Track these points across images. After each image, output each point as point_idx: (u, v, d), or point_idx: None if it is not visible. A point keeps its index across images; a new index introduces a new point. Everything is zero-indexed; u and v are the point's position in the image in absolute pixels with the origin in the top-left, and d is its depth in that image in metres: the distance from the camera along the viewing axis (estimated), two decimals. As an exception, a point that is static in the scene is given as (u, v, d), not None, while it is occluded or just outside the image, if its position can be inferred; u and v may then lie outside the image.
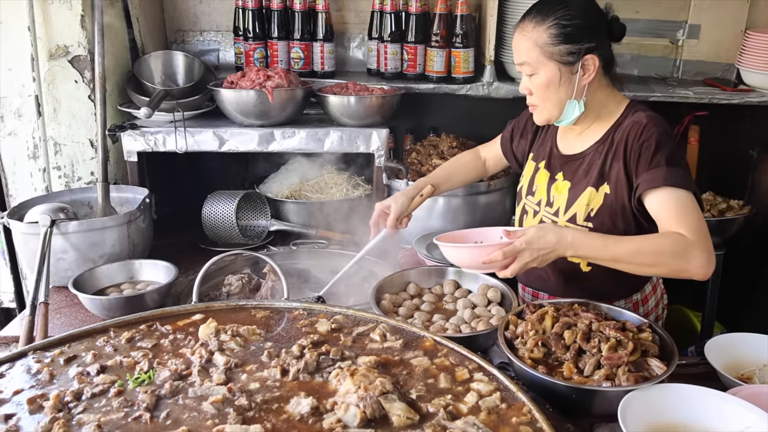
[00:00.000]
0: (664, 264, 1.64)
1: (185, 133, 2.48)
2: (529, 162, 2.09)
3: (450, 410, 1.29)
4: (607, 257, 1.66)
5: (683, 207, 1.66)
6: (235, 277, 2.20)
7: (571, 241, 1.64)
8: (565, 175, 1.93)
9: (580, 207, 1.86)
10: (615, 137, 1.82)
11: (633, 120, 1.79)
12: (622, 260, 1.66)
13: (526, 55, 1.79)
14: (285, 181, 2.74)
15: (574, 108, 1.82)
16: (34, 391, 1.35)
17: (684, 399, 1.41)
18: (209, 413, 1.28)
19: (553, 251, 1.65)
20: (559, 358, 1.59)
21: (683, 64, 3.15)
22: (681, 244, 1.61)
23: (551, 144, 2.01)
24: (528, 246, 1.63)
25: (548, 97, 1.81)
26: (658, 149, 1.71)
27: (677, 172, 1.69)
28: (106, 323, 1.64)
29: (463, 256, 1.77)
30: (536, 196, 2.00)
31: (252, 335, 1.59)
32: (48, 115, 2.56)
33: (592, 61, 1.77)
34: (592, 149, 1.87)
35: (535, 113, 1.89)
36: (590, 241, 1.68)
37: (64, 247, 2.18)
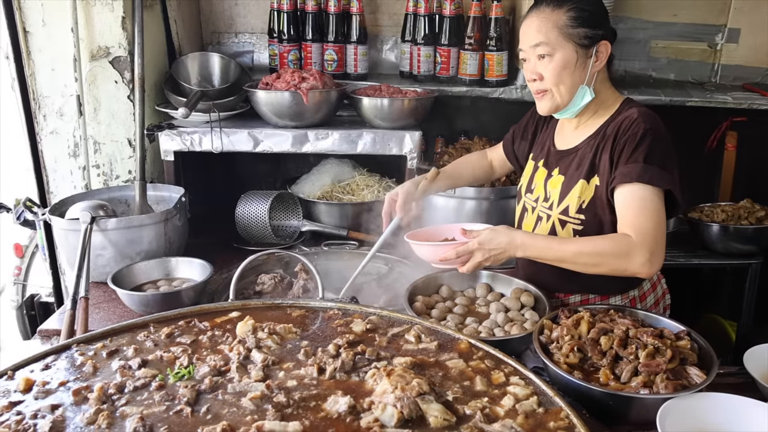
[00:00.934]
0: (606, 263, 1.72)
1: (221, 133, 2.52)
2: (529, 162, 2.13)
3: (487, 413, 1.29)
4: (552, 258, 1.77)
5: (641, 207, 1.72)
6: (268, 276, 2.23)
7: (520, 243, 1.77)
8: (560, 170, 1.96)
9: (572, 199, 1.89)
10: (607, 131, 1.85)
11: (625, 115, 1.83)
12: (566, 261, 1.76)
13: (545, 36, 1.80)
14: (317, 182, 2.76)
15: (585, 94, 1.86)
16: (78, 383, 1.39)
17: (724, 408, 1.39)
18: (248, 409, 1.30)
19: (504, 252, 1.78)
20: (595, 364, 1.58)
21: (721, 68, 3.10)
22: (623, 245, 1.69)
23: (549, 142, 2.05)
24: (480, 246, 1.78)
25: (562, 80, 1.83)
26: (639, 145, 1.75)
27: (652, 170, 1.72)
28: (146, 318, 1.68)
29: (424, 253, 1.90)
30: (534, 194, 2.04)
31: (288, 333, 1.60)
32: (88, 114, 2.62)
33: (605, 47, 1.83)
34: (584, 143, 1.91)
35: (542, 101, 1.89)
36: (537, 243, 1.79)
37: (103, 243, 2.22)
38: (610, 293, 1.99)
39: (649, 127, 1.76)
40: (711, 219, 2.78)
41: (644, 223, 1.70)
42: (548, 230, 1.98)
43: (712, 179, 3.17)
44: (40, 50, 2.55)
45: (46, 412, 1.29)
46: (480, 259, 1.78)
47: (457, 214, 2.42)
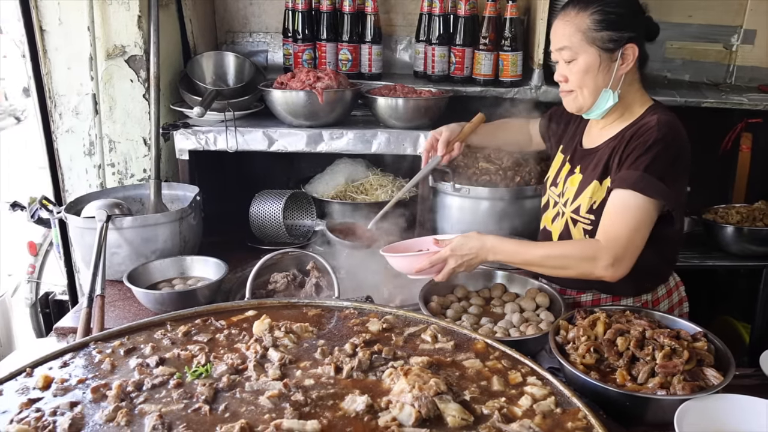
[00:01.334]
0: (573, 267, 1.77)
1: (236, 132, 2.53)
2: (559, 154, 2.13)
3: (504, 413, 1.29)
4: (519, 261, 1.84)
5: (623, 214, 1.74)
6: (281, 275, 2.24)
7: (490, 247, 1.82)
8: (581, 169, 1.97)
9: (584, 199, 1.90)
10: (626, 135, 1.84)
11: (645, 121, 1.83)
12: (533, 264, 1.82)
13: (568, 40, 1.82)
14: (331, 182, 2.77)
15: (609, 98, 1.85)
16: (97, 381, 1.40)
17: (742, 410, 1.39)
18: (266, 407, 1.30)
19: (476, 257, 1.82)
20: (612, 365, 1.57)
21: (737, 69, 3.08)
22: (589, 249, 1.75)
23: (578, 140, 2.05)
24: (453, 253, 1.82)
25: (585, 84, 1.84)
26: (646, 153, 1.75)
27: (649, 180, 1.72)
28: (163, 317, 1.69)
29: (399, 265, 1.93)
30: (558, 188, 2.06)
31: (305, 332, 1.61)
32: (104, 113, 2.63)
33: (632, 50, 1.81)
34: (604, 144, 1.91)
35: (567, 100, 1.92)
36: (506, 247, 1.83)
37: (119, 242, 2.24)
38: (622, 294, 1.98)
39: (660, 137, 1.75)
40: (726, 221, 2.76)
41: (618, 230, 1.74)
42: (562, 227, 1.99)
43: (726, 181, 3.15)
44: (56, 49, 2.57)
45: (65, 410, 1.30)
46: (453, 265, 1.82)
47: (473, 214, 2.41)
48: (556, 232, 2.04)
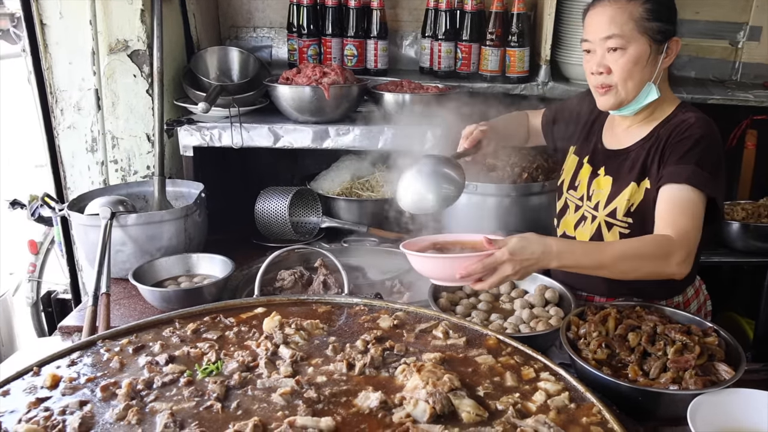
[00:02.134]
0: (646, 267, 1.63)
1: (240, 128, 2.51)
2: (571, 156, 2.08)
3: (519, 408, 1.29)
4: (589, 264, 1.62)
5: (685, 208, 1.66)
6: (288, 272, 2.22)
7: (557, 251, 1.56)
8: (607, 170, 1.91)
9: (621, 202, 1.84)
10: (661, 134, 1.80)
11: (681, 118, 1.79)
12: (604, 266, 1.62)
13: (619, 28, 1.72)
14: (336, 179, 2.75)
15: (650, 92, 1.79)
16: (106, 379, 1.38)
17: (755, 404, 1.38)
18: (279, 404, 1.29)
19: (536, 263, 1.56)
20: (623, 360, 1.57)
21: (742, 66, 3.07)
22: (664, 246, 1.62)
23: (596, 140, 2.00)
24: (511, 257, 1.52)
25: (632, 76, 1.75)
26: (693, 148, 1.70)
27: (702, 175, 1.67)
28: (171, 314, 1.68)
29: (435, 268, 1.59)
30: (578, 191, 1.99)
31: (315, 329, 1.60)
32: (107, 109, 2.61)
33: (676, 44, 1.78)
34: (637, 145, 1.85)
35: (606, 96, 1.81)
36: (575, 249, 1.63)
37: (123, 239, 2.22)
38: (654, 297, 1.89)
39: (706, 134, 1.72)
40: (731, 217, 2.75)
41: (686, 224, 1.65)
42: (593, 231, 1.92)
43: (731, 177, 3.14)
44: (57, 43, 2.53)
45: (74, 408, 1.29)
46: (509, 272, 1.52)
47: (479, 210, 2.39)
48: (584, 238, 1.96)
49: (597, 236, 1.91)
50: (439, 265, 1.59)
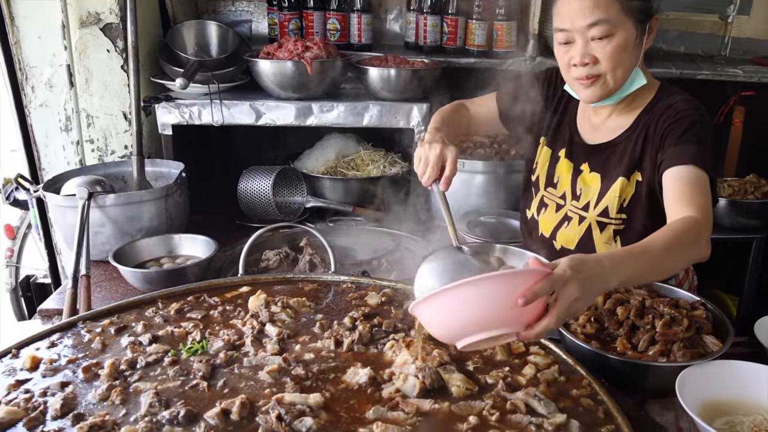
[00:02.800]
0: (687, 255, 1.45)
1: (221, 105, 2.45)
2: (543, 148, 1.95)
3: (509, 382, 1.28)
4: (646, 268, 1.34)
5: (697, 186, 1.54)
6: (273, 252, 2.19)
7: (610, 266, 1.22)
8: (592, 167, 1.81)
9: (611, 199, 1.75)
10: (647, 121, 1.71)
11: (667, 103, 1.69)
12: (658, 266, 1.37)
13: (605, 12, 1.56)
14: (320, 158, 2.71)
15: (637, 77, 1.67)
16: (88, 360, 1.36)
17: (742, 376, 1.38)
18: (266, 382, 1.28)
19: (598, 280, 1.20)
20: (612, 334, 1.56)
21: (732, 41, 3.05)
22: (695, 230, 1.44)
23: (570, 131, 1.88)
24: (575, 273, 1.13)
25: (621, 63, 1.61)
26: (691, 128, 1.61)
27: (706, 153, 1.58)
28: (153, 294, 1.64)
29: (476, 303, 1.07)
30: (559, 189, 1.88)
31: (302, 307, 1.58)
32: (80, 85, 2.53)
33: (656, 22, 1.67)
34: (623, 137, 1.75)
35: (592, 88, 1.66)
36: (624, 256, 1.31)
37: (102, 220, 2.16)
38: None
39: (699, 115, 1.65)
40: (718, 194, 2.77)
41: (703, 201, 1.51)
42: (581, 233, 1.82)
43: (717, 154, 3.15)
44: (24, 17, 2.43)
45: (55, 390, 1.26)
46: (576, 294, 1.12)
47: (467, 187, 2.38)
48: (570, 241, 1.83)
49: (586, 237, 1.81)
50: (482, 293, 1.07)
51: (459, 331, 1.10)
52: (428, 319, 1.14)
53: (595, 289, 1.19)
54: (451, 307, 1.09)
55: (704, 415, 1.25)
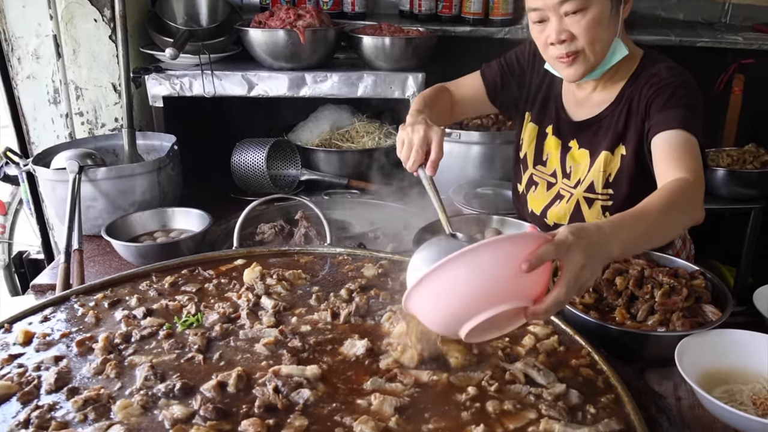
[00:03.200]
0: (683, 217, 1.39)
1: (212, 76, 2.40)
2: (529, 124, 1.91)
3: (508, 352, 1.27)
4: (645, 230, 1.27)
5: (686, 149, 1.50)
6: (268, 226, 2.16)
7: (609, 230, 1.16)
8: (580, 143, 1.78)
9: (596, 174, 1.73)
10: (631, 93, 1.68)
11: (650, 72, 1.65)
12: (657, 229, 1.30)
13: None
14: (315, 130, 2.67)
15: (618, 48, 1.63)
16: (82, 334, 1.34)
17: (741, 345, 1.38)
18: (263, 354, 1.26)
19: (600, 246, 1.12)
20: (611, 304, 1.56)
21: (732, 8, 3.00)
22: (688, 192, 1.39)
23: (556, 107, 1.84)
24: (576, 239, 1.06)
25: (598, 38, 1.57)
26: (675, 93, 1.58)
27: (693, 118, 1.55)
28: (147, 268, 1.62)
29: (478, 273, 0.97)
30: (548, 167, 1.85)
31: (298, 279, 1.56)
32: (67, 57, 2.47)
33: None
34: (608, 111, 1.72)
35: (573, 66, 1.62)
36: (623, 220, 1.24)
37: (94, 194, 2.13)
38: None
39: (684, 81, 1.61)
40: (716, 164, 2.74)
41: (694, 164, 1.47)
42: (570, 210, 1.78)
43: (717, 124, 3.12)
44: (8, -16, 2.37)
45: (49, 364, 1.24)
46: (581, 260, 1.05)
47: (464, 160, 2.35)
48: (561, 218, 1.80)
49: (576, 214, 1.78)
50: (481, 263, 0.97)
51: (461, 314, 1.01)
52: (425, 308, 1.05)
53: (599, 256, 1.12)
54: (448, 286, 0.99)
55: (703, 384, 1.24)
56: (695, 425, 1.25)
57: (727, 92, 2.98)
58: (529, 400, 1.12)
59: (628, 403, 1.08)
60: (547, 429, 1.03)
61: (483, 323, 1.00)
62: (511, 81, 1.92)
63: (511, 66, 1.92)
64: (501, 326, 1.08)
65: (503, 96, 1.93)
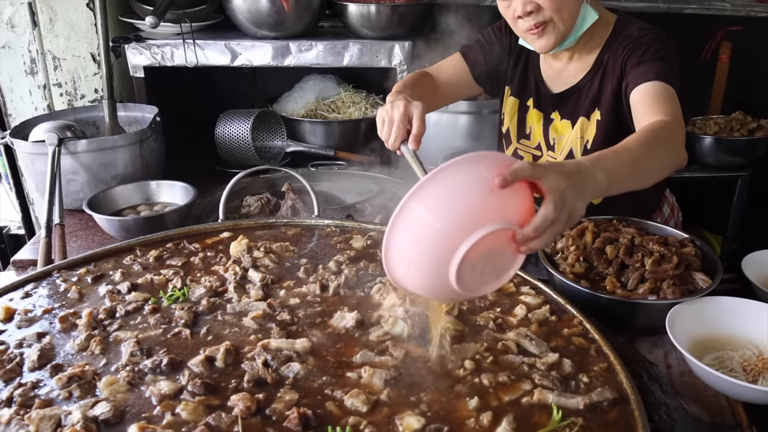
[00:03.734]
0: (667, 154, 1.36)
1: (194, 45, 2.33)
2: (510, 98, 1.90)
3: (499, 323, 1.26)
4: (629, 161, 1.24)
5: (664, 97, 1.48)
6: (254, 198, 2.13)
7: (590, 163, 1.12)
8: (562, 114, 1.78)
9: (573, 140, 1.73)
10: (606, 59, 1.66)
11: (624, 35, 1.64)
12: (640, 161, 1.27)
13: None
14: (300, 100, 2.62)
15: (587, 13, 1.61)
16: (65, 310, 1.31)
17: (731, 311, 1.38)
18: (251, 328, 1.24)
19: (581, 175, 1.06)
20: (601, 273, 1.55)
21: (720, -26, 2.96)
22: (668, 130, 1.38)
23: (535, 79, 1.83)
24: (552, 166, 1.01)
25: (564, 5, 1.55)
26: (650, 47, 1.57)
27: (670, 70, 1.54)
28: (131, 242, 1.59)
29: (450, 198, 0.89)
30: (532, 140, 1.84)
31: (285, 252, 1.54)
32: (44, 25, 2.39)
33: None
34: (586, 79, 1.72)
35: (544, 37, 1.60)
36: (602, 155, 1.21)
37: (74, 167, 2.08)
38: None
39: (658, 36, 1.61)
40: (703, 132, 2.73)
41: (672, 108, 1.45)
42: None
43: (704, 92, 3.11)
44: (-21, -50, 2.29)
45: (32, 341, 1.22)
46: (563, 182, 1.00)
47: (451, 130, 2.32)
48: None
49: None
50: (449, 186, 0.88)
51: (443, 251, 0.88)
52: (406, 260, 0.93)
53: (582, 183, 1.05)
54: (421, 224, 0.88)
55: (694, 352, 1.24)
56: (685, 392, 1.26)
57: (714, 60, 2.96)
58: (523, 369, 1.11)
59: (620, 372, 1.08)
60: (541, 399, 1.02)
61: (474, 262, 0.91)
62: (493, 56, 1.90)
63: (489, 42, 1.90)
64: (498, 269, 0.97)
65: (487, 73, 1.91)
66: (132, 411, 1.01)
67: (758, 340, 1.31)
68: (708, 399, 1.24)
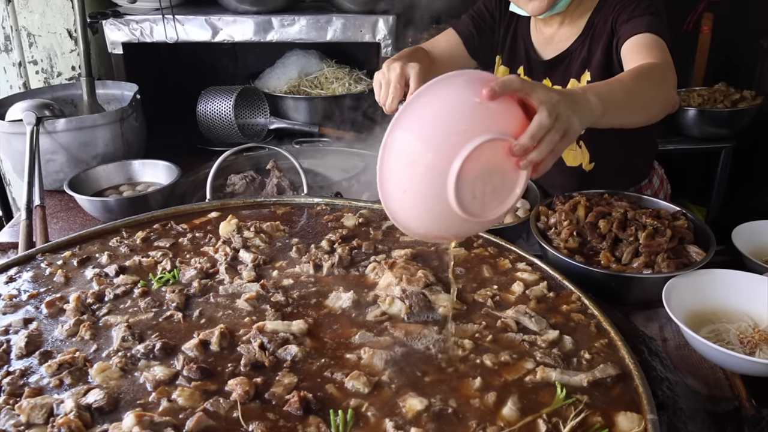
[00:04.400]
0: (657, 90, 1.37)
1: (174, 21, 2.26)
2: (500, 68, 1.90)
3: (497, 300, 1.25)
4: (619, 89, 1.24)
5: (655, 46, 1.49)
6: (239, 177, 2.09)
7: (581, 89, 1.15)
8: (553, 81, 1.77)
9: None
10: (597, 21, 1.67)
11: None
12: (631, 91, 1.27)
13: None
14: (282, 76, 2.56)
15: None
16: (51, 295, 1.27)
17: (726, 284, 1.39)
18: (245, 310, 1.21)
19: (574, 94, 1.07)
20: (595, 248, 1.55)
21: (701, -57, 2.94)
22: (657, 70, 1.40)
23: (525, 47, 1.83)
24: (541, 84, 1.03)
25: None
26: (640, 3, 1.57)
27: (660, 23, 1.54)
28: (116, 223, 1.55)
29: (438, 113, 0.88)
30: None
31: (276, 231, 1.50)
32: (18, 1, 2.30)
33: None
34: (577, 43, 1.72)
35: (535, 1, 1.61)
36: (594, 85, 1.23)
37: (53, 147, 2.02)
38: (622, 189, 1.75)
39: None
40: (687, 104, 2.74)
41: (662, 55, 1.47)
42: None
43: (686, 63, 3.10)
44: None
45: (18, 327, 1.18)
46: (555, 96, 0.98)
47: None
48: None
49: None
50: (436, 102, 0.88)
51: (438, 168, 0.86)
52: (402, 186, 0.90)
53: (574, 100, 1.04)
54: (412, 143, 0.87)
55: (690, 325, 1.24)
56: (682, 366, 1.26)
57: (696, 31, 2.94)
58: (524, 347, 1.10)
59: (622, 347, 1.07)
60: (544, 377, 1.01)
61: (473, 181, 0.88)
62: (485, 28, 1.89)
63: (480, 14, 1.90)
64: (501, 191, 0.93)
65: (481, 45, 1.90)
66: (126, 398, 0.98)
67: (754, 312, 1.32)
68: (705, 372, 1.25)
